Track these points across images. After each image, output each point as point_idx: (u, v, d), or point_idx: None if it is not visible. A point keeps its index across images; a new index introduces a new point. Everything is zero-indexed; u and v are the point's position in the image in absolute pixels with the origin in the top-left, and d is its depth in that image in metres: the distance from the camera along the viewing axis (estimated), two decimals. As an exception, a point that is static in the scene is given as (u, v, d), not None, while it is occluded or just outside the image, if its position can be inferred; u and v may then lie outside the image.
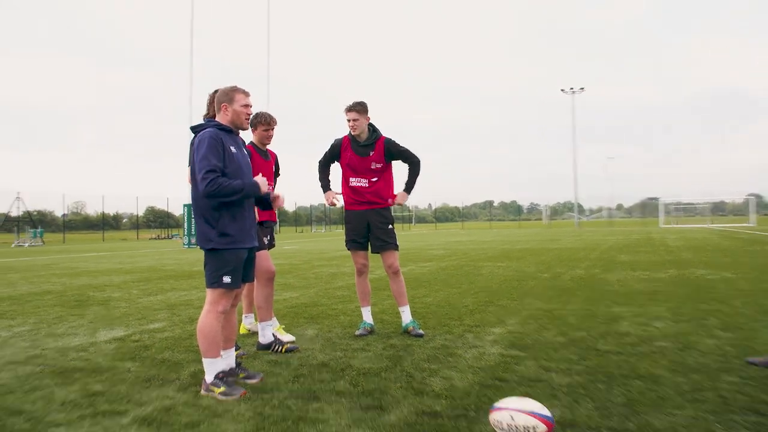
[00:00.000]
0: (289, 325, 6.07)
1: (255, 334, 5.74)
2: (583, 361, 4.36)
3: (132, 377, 4.16)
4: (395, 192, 5.75)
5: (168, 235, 48.78)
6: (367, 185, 5.67)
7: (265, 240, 5.59)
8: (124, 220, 69.24)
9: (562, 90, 63.71)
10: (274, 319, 5.60)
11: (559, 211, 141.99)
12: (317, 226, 74.09)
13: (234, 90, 3.91)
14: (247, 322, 5.83)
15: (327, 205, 5.78)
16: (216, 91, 4.61)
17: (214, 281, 3.74)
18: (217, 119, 3.93)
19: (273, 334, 5.21)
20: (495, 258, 15.25)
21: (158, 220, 63.47)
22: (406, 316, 5.63)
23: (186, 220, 28.74)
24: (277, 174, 5.96)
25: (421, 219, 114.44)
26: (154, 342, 5.34)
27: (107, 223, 61.40)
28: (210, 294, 3.76)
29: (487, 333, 5.45)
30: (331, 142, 5.85)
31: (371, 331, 5.61)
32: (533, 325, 5.79)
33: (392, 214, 5.81)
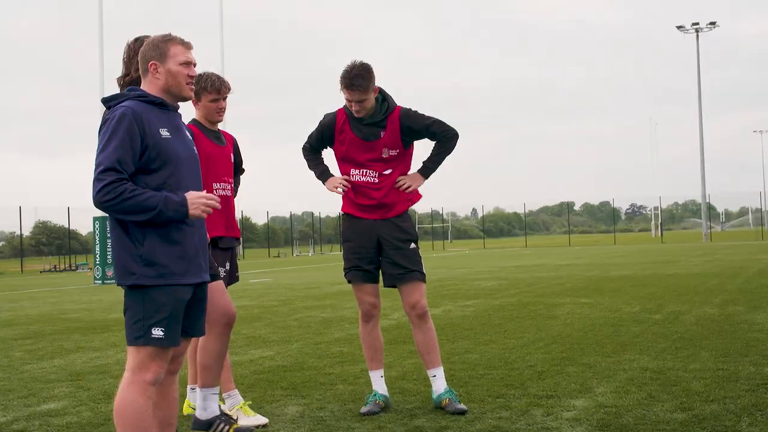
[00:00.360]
0: (258, 400, 6.06)
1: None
2: (717, 450, 4.31)
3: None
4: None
5: (71, 266, 49.07)
6: (376, 181, 5.69)
7: (222, 270, 5.59)
8: (-1, 244, 69.78)
9: (679, 28, 63.50)
10: (237, 392, 5.61)
11: (676, 216, 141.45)
12: (302, 246, 74.41)
13: (167, 40, 3.92)
14: (194, 397, 5.83)
15: (339, 191, 5.77)
16: (137, 41, 4.59)
17: (138, 335, 3.74)
18: (142, 87, 3.95)
19: (220, 409, 5.23)
20: (576, 291, 15.17)
21: (55, 243, 63.82)
22: (440, 383, 5.63)
23: (99, 242, 28.94)
24: (238, 168, 5.98)
25: (462, 233, 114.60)
26: None
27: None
28: (133, 355, 3.76)
29: (564, 407, 5.42)
30: (320, 119, 5.87)
31: (385, 407, 5.60)
32: (636, 393, 5.75)
33: (415, 225, 5.83)
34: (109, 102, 3.90)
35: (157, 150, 3.77)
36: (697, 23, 61.96)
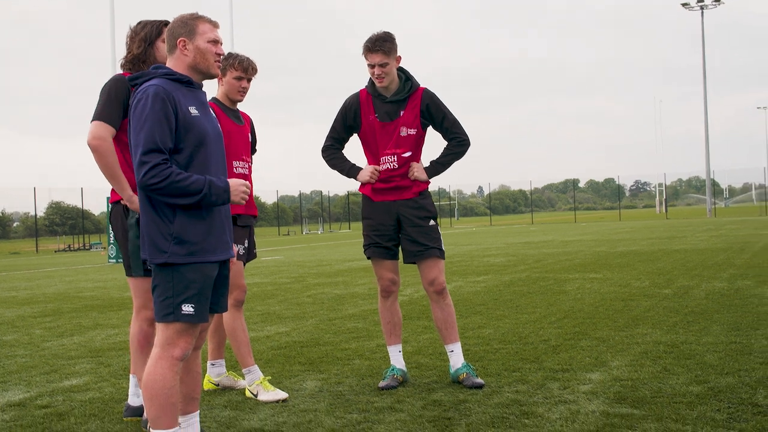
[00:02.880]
0: (277, 376, 6.09)
1: (226, 390, 5.77)
2: (734, 423, 4.31)
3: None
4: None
5: (84, 245, 49.22)
6: (396, 165, 5.65)
7: (240, 248, 5.60)
8: (14, 224, 69.89)
9: (684, 5, 62.91)
10: (257, 367, 5.62)
11: (680, 192, 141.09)
12: (311, 224, 74.52)
13: (196, 18, 3.90)
14: (215, 373, 5.87)
15: (374, 180, 5.66)
16: (139, 24, 4.75)
17: (168, 312, 3.75)
18: (168, 64, 3.92)
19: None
20: (585, 266, 15.19)
21: (68, 223, 64.09)
22: (457, 357, 5.64)
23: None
24: (254, 148, 5.98)
25: (468, 210, 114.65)
26: (72, 407, 5.38)
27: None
28: (162, 331, 3.78)
29: (580, 380, 5.43)
30: (343, 102, 5.78)
31: (403, 381, 5.62)
32: (651, 367, 5.76)
33: (433, 203, 5.80)
34: (135, 80, 3.89)
35: (187, 128, 3.76)
36: (702, 0, 61.39)
